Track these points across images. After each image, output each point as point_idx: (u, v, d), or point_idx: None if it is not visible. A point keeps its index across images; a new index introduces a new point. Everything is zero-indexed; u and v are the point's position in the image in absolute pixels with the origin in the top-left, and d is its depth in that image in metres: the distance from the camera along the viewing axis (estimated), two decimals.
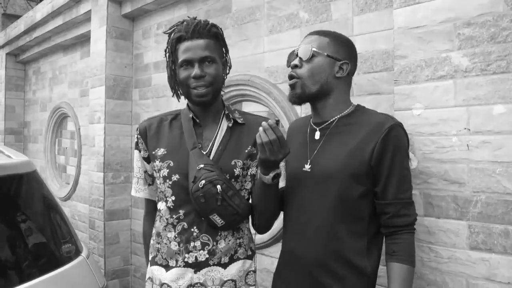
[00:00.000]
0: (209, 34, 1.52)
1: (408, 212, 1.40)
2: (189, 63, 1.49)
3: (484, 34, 1.50)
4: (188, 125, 1.57)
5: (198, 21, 1.53)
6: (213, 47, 1.52)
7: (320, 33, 1.53)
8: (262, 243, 2.57)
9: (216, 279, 1.49)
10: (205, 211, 1.45)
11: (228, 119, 1.60)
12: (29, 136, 6.17)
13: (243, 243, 1.57)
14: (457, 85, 1.55)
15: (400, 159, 1.39)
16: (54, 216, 1.88)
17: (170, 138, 1.57)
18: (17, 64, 6.39)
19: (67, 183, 5.14)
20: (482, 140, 1.50)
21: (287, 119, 2.42)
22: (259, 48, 2.65)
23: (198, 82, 1.48)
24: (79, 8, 4.26)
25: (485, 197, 1.50)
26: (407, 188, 1.41)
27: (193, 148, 1.51)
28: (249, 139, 1.57)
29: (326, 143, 1.48)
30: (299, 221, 1.49)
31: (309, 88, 1.47)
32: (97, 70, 3.88)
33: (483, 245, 1.50)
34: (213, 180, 1.43)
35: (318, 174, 1.45)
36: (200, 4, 3.14)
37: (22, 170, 1.77)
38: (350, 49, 1.52)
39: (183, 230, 1.49)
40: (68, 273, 1.70)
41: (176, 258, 1.49)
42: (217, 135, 1.56)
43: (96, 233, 3.89)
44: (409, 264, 1.37)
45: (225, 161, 1.52)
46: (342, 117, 1.49)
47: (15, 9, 8.12)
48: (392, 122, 1.40)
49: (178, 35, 1.52)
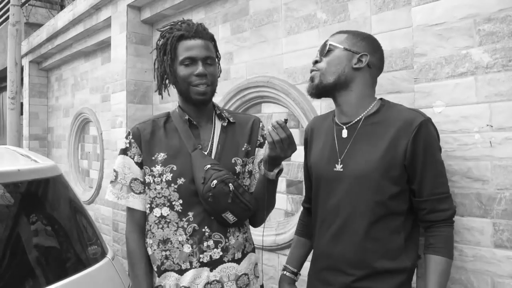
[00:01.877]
0: (208, 36, 1.56)
1: (445, 207, 1.40)
2: (192, 61, 1.50)
3: (505, 30, 1.48)
4: (184, 126, 1.57)
5: (199, 23, 1.57)
6: (212, 49, 1.56)
7: (340, 32, 1.56)
8: (284, 243, 2.57)
9: (232, 274, 1.52)
10: (218, 210, 1.47)
11: (220, 118, 1.62)
12: (53, 142, 6.30)
13: (248, 237, 1.62)
14: (478, 82, 1.54)
15: (432, 155, 1.39)
16: (80, 218, 1.91)
17: (168, 142, 1.55)
18: (40, 72, 6.54)
19: (90, 187, 5.23)
20: (505, 136, 1.48)
21: (306, 120, 2.43)
22: (277, 49, 2.66)
23: (200, 80, 1.50)
24: (99, 15, 4.34)
25: (509, 194, 1.48)
26: (441, 182, 1.41)
27: (194, 150, 1.52)
28: (243, 137, 1.62)
29: (356, 143, 1.47)
30: (333, 223, 1.47)
31: (326, 78, 1.49)
32: (118, 76, 3.95)
33: (508, 242, 1.48)
34: (224, 179, 1.45)
35: (351, 175, 1.44)
36: (218, 7, 3.17)
37: (48, 174, 1.81)
38: (370, 43, 1.52)
39: (194, 231, 1.49)
40: (95, 274, 1.73)
41: (190, 260, 1.49)
42: (213, 135, 1.59)
43: (119, 236, 3.95)
44: (446, 256, 1.38)
45: (227, 159, 1.55)
46: (369, 115, 1.48)
47: (37, 18, 8.29)
48: (422, 118, 1.39)
49: (179, 33, 1.52)
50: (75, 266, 1.70)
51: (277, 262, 2.65)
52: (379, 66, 1.55)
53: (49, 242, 1.72)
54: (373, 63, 1.50)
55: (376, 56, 1.52)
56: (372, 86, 1.54)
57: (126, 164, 1.57)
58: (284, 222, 2.65)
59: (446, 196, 1.41)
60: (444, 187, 1.41)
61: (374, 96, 1.54)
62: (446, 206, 1.40)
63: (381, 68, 1.57)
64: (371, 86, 1.54)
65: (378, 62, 1.54)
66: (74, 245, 1.80)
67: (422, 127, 1.37)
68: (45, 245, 1.70)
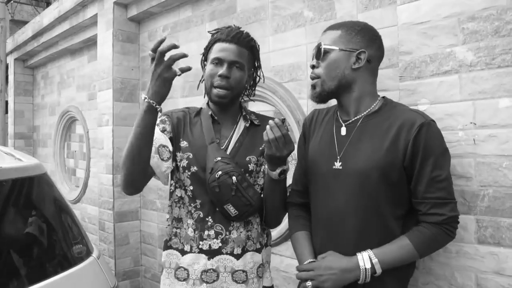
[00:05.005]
0: (245, 44, 1.62)
1: (440, 212, 1.35)
2: (219, 62, 1.58)
3: (488, 28, 1.50)
4: (207, 121, 1.65)
5: (241, 31, 1.63)
6: (245, 56, 1.62)
7: (332, 27, 1.51)
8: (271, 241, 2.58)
9: (228, 267, 1.58)
10: (220, 201, 1.53)
11: (245, 119, 1.70)
12: (39, 140, 6.23)
13: (251, 236, 1.63)
14: (462, 80, 1.56)
15: (430, 158, 1.34)
16: (65, 217, 1.90)
17: (191, 132, 1.65)
18: (25, 69, 6.45)
19: (76, 186, 5.19)
20: (488, 134, 1.50)
21: (293, 118, 2.43)
22: (264, 47, 2.66)
23: (221, 82, 1.56)
24: (85, 12, 4.30)
25: (492, 191, 1.50)
26: (440, 187, 1.35)
27: (211, 143, 1.60)
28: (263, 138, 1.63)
29: (355, 140, 1.45)
30: (333, 221, 1.46)
31: (327, 85, 1.47)
32: (104, 73, 3.92)
33: (491, 239, 1.50)
34: (229, 171, 1.51)
35: (350, 172, 1.42)
36: (205, 5, 3.16)
37: (32, 172, 1.79)
38: (366, 35, 1.46)
39: (199, 218, 1.59)
40: (80, 274, 1.72)
41: (191, 244, 1.60)
42: (234, 133, 1.66)
43: (106, 235, 3.92)
44: (415, 247, 1.35)
45: (241, 156, 1.61)
46: (370, 113, 1.47)
47: (22, 15, 8.20)
48: (423, 119, 1.36)
49: (218, 36, 1.61)
50: (60, 265, 1.69)
51: None
52: (379, 56, 1.51)
53: (33, 241, 1.70)
54: (372, 55, 1.46)
55: (374, 47, 1.48)
56: (374, 82, 1.52)
57: (155, 133, 1.53)
58: None
59: (443, 202, 1.36)
60: (443, 192, 1.35)
61: (376, 92, 1.52)
62: (441, 211, 1.35)
63: (381, 56, 1.53)
64: (373, 82, 1.51)
65: (377, 52, 1.49)
66: (59, 244, 1.79)
67: (423, 129, 1.35)
68: (29, 244, 1.68)
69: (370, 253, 1.36)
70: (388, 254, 1.36)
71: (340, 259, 1.39)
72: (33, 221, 1.75)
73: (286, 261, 2.53)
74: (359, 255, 1.37)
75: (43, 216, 1.81)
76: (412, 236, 1.37)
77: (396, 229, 1.40)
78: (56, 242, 1.78)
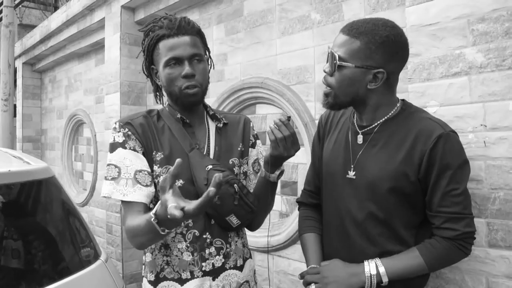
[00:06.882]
0: (193, 30, 1.42)
1: (453, 227, 1.28)
2: (177, 61, 1.37)
3: (498, 29, 1.48)
4: (177, 125, 1.45)
5: (181, 17, 1.41)
6: (199, 44, 1.43)
7: (352, 33, 1.29)
8: (278, 244, 2.57)
9: (233, 282, 1.46)
10: (221, 214, 1.39)
11: (213, 119, 1.53)
12: (46, 144, 6.27)
13: (245, 242, 1.55)
14: (472, 82, 1.54)
15: (447, 172, 1.27)
16: (73, 220, 1.90)
17: (162, 141, 1.43)
18: (33, 73, 6.51)
19: (84, 189, 5.21)
20: (499, 136, 1.48)
21: (300, 121, 2.43)
22: (271, 50, 2.66)
23: (189, 82, 1.37)
24: (93, 16, 4.33)
25: (503, 194, 1.48)
26: (456, 202, 1.27)
27: (192, 150, 1.42)
28: (237, 138, 1.54)
29: (370, 148, 1.39)
30: (344, 226, 1.42)
31: (340, 99, 1.36)
32: (112, 77, 3.93)
33: (503, 242, 1.48)
34: (229, 179, 1.37)
35: (363, 182, 1.37)
36: (212, 8, 3.16)
37: (41, 176, 1.79)
38: (387, 50, 1.27)
39: (194, 238, 1.39)
40: (87, 277, 1.72)
41: (191, 269, 1.39)
42: (209, 135, 1.49)
43: (113, 238, 3.93)
44: (424, 260, 1.30)
45: (225, 160, 1.47)
46: (387, 120, 1.37)
47: (30, 19, 8.26)
48: (441, 130, 1.27)
49: (161, 32, 1.39)
50: (68, 268, 1.69)
51: (271, 263, 2.64)
52: (400, 67, 1.35)
53: (42, 244, 1.70)
54: (392, 71, 1.31)
55: (397, 59, 1.31)
56: (393, 91, 1.38)
57: (126, 156, 1.37)
58: (279, 224, 2.64)
59: (458, 217, 1.28)
60: (458, 207, 1.27)
61: (395, 99, 1.39)
62: (455, 227, 1.27)
63: (403, 64, 1.36)
64: (391, 92, 1.37)
65: (400, 64, 1.34)
66: (67, 247, 1.79)
67: (440, 141, 1.26)
68: (37, 247, 1.68)
69: (377, 261, 1.33)
70: (396, 264, 1.32)
71: (346, 264, 1.37)
72: (41, 224, 1.76)
73: (294, 265, 2.51)
74: (366, 262, 1.34)
75: (51, 219, 1.81)
76: (423, 249, 1.32)
77: (408, 238, 1.36)
78: (64, 245, 1.78)
